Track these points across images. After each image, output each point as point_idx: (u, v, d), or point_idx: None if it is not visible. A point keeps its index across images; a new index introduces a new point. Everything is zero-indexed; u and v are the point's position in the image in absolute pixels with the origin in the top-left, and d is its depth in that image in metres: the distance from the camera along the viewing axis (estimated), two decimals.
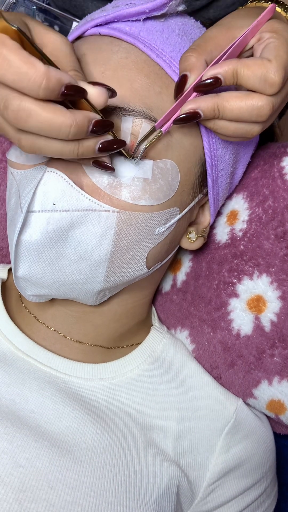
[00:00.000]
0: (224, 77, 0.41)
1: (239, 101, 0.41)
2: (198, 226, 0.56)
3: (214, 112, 0.42)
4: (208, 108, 0.41)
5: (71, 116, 0.36)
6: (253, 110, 0.41)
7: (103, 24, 0.48)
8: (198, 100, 0.42)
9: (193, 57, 0.42)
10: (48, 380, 0.53)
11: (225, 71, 0.41)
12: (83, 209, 0.44)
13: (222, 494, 0.55)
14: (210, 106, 0.41)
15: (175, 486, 0.51)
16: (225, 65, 0.41)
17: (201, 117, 0.42)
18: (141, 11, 0.46)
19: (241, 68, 0.41)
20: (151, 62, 0.46)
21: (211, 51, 0.43)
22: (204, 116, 0.42)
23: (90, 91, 0.38)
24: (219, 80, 0.41)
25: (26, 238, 0.44)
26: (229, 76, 0.41)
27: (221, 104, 0.41)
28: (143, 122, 0.44)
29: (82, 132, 0.37)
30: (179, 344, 0.61)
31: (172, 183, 0.47)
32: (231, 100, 0.41)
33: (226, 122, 0.43)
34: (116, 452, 0.50)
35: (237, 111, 0.42)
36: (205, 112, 0.42)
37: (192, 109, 0.42)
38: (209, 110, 0.42)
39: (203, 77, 0.42)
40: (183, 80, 0.43)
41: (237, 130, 0.43)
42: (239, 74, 0.41)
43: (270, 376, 0.55)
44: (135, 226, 0.46)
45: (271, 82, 0.41)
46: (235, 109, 0.41)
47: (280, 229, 0.55)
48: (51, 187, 0.43)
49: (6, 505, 0.44)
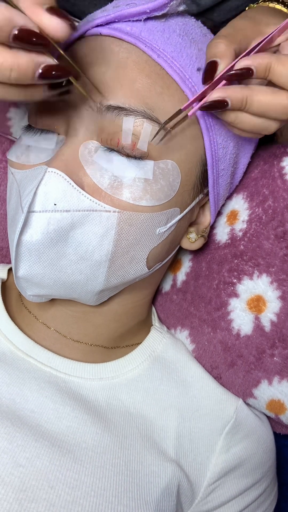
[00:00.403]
0: (257, 70, 0.41)
1: (269, 96, 0.41)
2: (199, 226, 0.56)
3: (241, 104, 0.41)
4: (237, 98, 0.41)
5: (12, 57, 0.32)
6: (280, 107, 0.41)
7: (104, 24, 0.48)
8: (228, 89, 0.41)
9: (223, 44, 0.42)
10: (48, 379, 0.53)
11: (259, 64, 0.41)
12: (84, 209, 0.44)
13: (223, 494, 0.55)
14: (240, 97, 0.41)
15: (175, 486, 0.51)
16: (259, 58, 0.41)
17: (228, 106, 0.41)
18: (142, 11, 0.46)
19: (275, 64, 0.41)
20: (152, 62, 0.46)
21: (240, 42, 0.43)
22: (231, 106, 0.42)
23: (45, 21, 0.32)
24: (251, 71, 0.41)
25: (27, 238, 0.44)
26: (262, 70, 0.41)
27: (250, 96, 0.41)
28: (145, 122, 0.44)
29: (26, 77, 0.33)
30: (179, 344, 0.61)
31: (173, 184, 0.47)
32: (261, 94, 0.41)
33: (248, 116, 0.43)
34: (116, 451, 0.50)
35: (265, 106, 0.41)
36: (233, 102, 0.41)
37: (221, 97, 0.41)
38: (237, 100, 0.41)
39: (236, 66, 0.41)
40: (214, 66, 0.42)
41: (257, 125, 0.43)
42: (272, 69, 0.41)
43: (270, 376, 0.55)
44: (136, 226, 0.46)
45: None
46: (263, 103, 0.41)
47: (280, 229, 0.55)
48: (52, 187, 0.43)
49: (6, 504, 0.44)
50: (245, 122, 0.43)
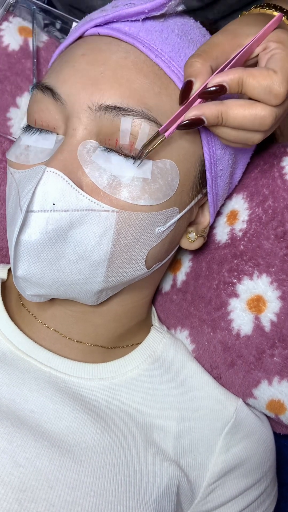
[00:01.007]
0: (230, 85, 0.42)
1: (243, 110, 0.42)
2: (198, 226, 0.56)
3: (217, 119, 0.42)
4: (212, 115, 0.42)
5: None
6: (256, 119, 0.42)
7: (102, 24, 0.48)
8: (202, 106, 0.42)
9: (198, 63, 0.42)
10: (48, 380, 0.53)
11: (231, 80, 0.41)
12: (83, 209, 0.44)
13: (222, 494, 0.55)
14: (214, 113, 0.42)
15: (175, 486, 0.51)
16: (231, 73, 0.41)
17: (204, 123, 0.42)
18: (140, 11, 0.46)
19: (246, 78, 0.41)
20: (150, 62, 0.46)
21: (217, 58, 0.43)
22: (208, 123, 0.42)
23: None
24: (224, 88, 0.42)
25: (25, 238, 0.44)
26: (235, 85, 0.42)
27: (225, 112, 0.42)
28: (143, 122, 0.44)
29: None
30: (179, 344, 0.61)
31: (172, 183, 0.47)
32: (235, 108, 0.42)
33: (228, 129, 0.43)
34: (116, 451, 0.50)
35: (240, 119, 0.42)
36: (209, 119, 0.42)
37: (196, 115, 0.42)
38: (213, 117, 0.42)
39: (209, 84, 0.42)
40: (189, 86, 0.42)
41: (239, 137, 0.44)
42: (245, 83, 0.42)
43: (270, 376, 0.55)
44: (135, 226, 0.46)
45: (276, 93, 0.41)
46: (239, 117, 0.42)
47: (280, 229, 0.55)
48: (50, 187, 0.43)
49: (6, 504, 0.44)
50: (226, 133, 0.44)
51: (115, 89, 0.44)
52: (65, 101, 0.45)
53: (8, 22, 0.65)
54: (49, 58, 0.66)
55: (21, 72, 0.64)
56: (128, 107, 0.44)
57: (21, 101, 0.64)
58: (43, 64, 0.66)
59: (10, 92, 0.64)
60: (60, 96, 0.46)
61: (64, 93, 0.46)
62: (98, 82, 0.45)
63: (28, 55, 0.65)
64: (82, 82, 0.45)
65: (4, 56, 0.63)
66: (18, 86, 0.64)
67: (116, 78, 0.45)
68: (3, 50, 0.63)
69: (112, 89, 0.44)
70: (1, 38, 0.64)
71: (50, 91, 0.46)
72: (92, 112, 0.44)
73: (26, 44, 0.65)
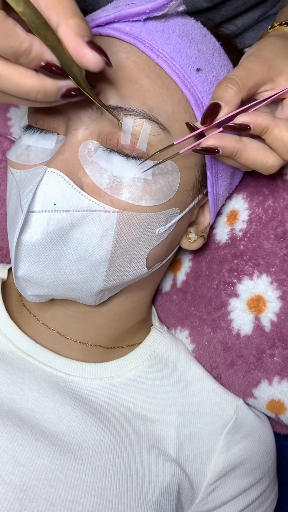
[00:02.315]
0: (255, 128, 0.43)
1: (257, 153, 0.44)
2: (198, 226, 0.56)
3: (231, 155, 0.44)
4: (229, 150, 0.43)
5: (39, 82, 0.37)
6: (264, 165, 0.44)
7: (103, 25, 0.48)
8: (222, 139, 0.43)
9: (233, 91, 0.42)
10: (48, 379, 0.53)
11: (258, 124, 0.43)
12: (84, 210, 0.44)
13: (223, 494, 0.55)
14: (231, 149, 0.43)
15: (175, 486, 0.51)
16: (260, 117, 0.43)
17: (219, 152, 0.43)
18: (142, 12, 0.46)
19: (273, 128, 0.43)
20: (151, 63, 0.46)
21: (250, 89, 0.44)
22: (222, 153, 0.44)
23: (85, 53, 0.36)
24: (249, 128, 0.43)
25: (26, 239, 0.44)
26: (259, 129, 0.43)
27: (240, 151, 0.43)
28: (144, 122, 0.44)
29: (49, 98, 0.38)
30: (179, 344, 0.61)
31: (173, 184, 0.47)
32: (251, 150, 0.44)
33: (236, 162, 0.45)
34: (116, 451, 0.50)
35: (252, 161, 0.44)
36: (225, 152, 0.43)
37: (215, 146, 0.43)
38: (229, 151, 0.43)
39: (236, 120, 0.43)
40: (216, 109, 0.43)
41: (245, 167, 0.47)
42: (270, 132, 0.43)
43: (270, 376, 0.55)
44: (135, 226, 0.46)
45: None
46: (251, 159, 0.44)
47: (280, 229, 0.55)
48: (51, 187, 0.43)
49: (6, 504, 0.44)
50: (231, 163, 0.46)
51: (117, 89, 0.44)
52: None
53: None
54: None
55: None
56: (129, 107, 0.44)
57: None
58: None
59: None
60: None
61: None
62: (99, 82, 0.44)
63: None
64: None
65: None
66: None
67: (117, 78, 0.44)
68: None
69: (113, 89, 0.44)
70: None
71: None
72: (93, 112, 0.44)
73: None
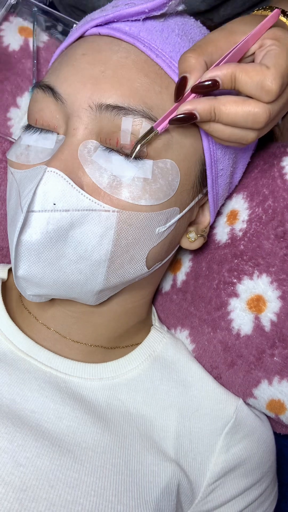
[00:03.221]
0: (222, 80, 0.41)
1: (236, 106, 0.41)
2: (198, 226, 0.56)
3: (210, 115, 0.42)
4: (205, 110, 0.41)
5: None
6: (249, 116, 0.42)
7: (103, 24, 0.48)
8: (195, 101, 0.42)
9: (192, 58, 0.42)
10: (48, 380, 0.53)
11: (224, 74, 0.41)
12: (83, 209, 0.44)
13: (223, 494, 0.55)
14: (207, 109, 0.41)
15: (175, 486, 0.51)
16: (224, 68, 0.41)
17: (197, 118, 0.42)
18: (141, 11, 0.46)
19: (239, 73, 0.41)
20: (151, 62, 0.46)
21: (211, 53, 0.43)
22: (200, 118, 0.42)
23: None
24: (217, 83, 0.41)
25: (26, 238, 0.44)
26: (227, 80, 0.41)
27: (217, 108, 0.41)
28: (144, 121, 0.44)
29: None
30: (179, 344, 0.61)
31: (172, 183, 0.47)
32: (228, 104, 0.41)
33: (222, 126, 0.43)
34: (116, 451, 0.50)
35: (233, 115, 0.42)
36: (201, 114, 0.42)
37: (189, 110, 0.42)
38: (205, 112, 0.42)
39: (202, 78, 0.42)
40: (183, 82, 0.42)
41: (232, 135, 0.43)
42: (237, 78, 0.41)
43: (270, 376, 0.55)
44: (135, 226, 0.46)
45: (268, 89, 0.41)
46: (231, 113, 0.41)
47: (280, 229, 0.55)
48: (51, 187, 0.43)
49: (6, 504, 0.44)
50: (220, 131, 0.43)
51: (116, 88, 0.44)
52: (66, 100, 0.45)
53: (9, 22, 0.65)
54: (49, 58, 0.66)
55: (21, 72, 0.65)
56: (129, 107, 0.44)
57: (22, 101, 0.64)
58: (43, 64, 0.66)
59: (10, 92, 0.64)
60: (61, 95, 0.46)
61: (64, 92, 0.46)
62: (99, 81, 0.45)
63: (28, 55, 0.65)
64: (83, 81, 0.45)
65: (4, 56, 0.63)
66: (18, 86, 0.64)
67: (117, 78, 0.45)
68: (4, 50, 0.64)
69: (113, 88, 0.44)
70: (1, 38, 0.64)
71: (50, 90, 0.46)
72: (93, 112, 0.44)
73: (26, 44, 0.65)
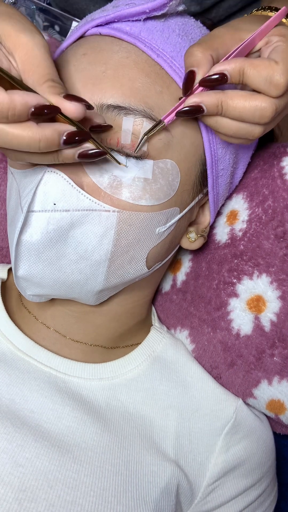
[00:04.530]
0: (231, 74, 0.41)
1: (243, 100, 0.41)
2: (198, 226, 0.56)
3: (217, 108, 0.42)
4: (212, 103, 0.41)
5: (39, 131, 0.37)
6: (256, 110, 0.41)
7: (103, 24, 0.48)
8: (202, 94, 0.42)
9: (199, 52, 0.42)
10: (48, 380, 0.53)
11: (232, 69, 0.41)
12: (84, 209, 0.44)
13: (222, 494, 0.55)
14: (214, 102, 0.41)
15: (174, 486, 0.51)
16: (232, 63, 0.41)
17: (204, 111, 0.42)
18: (142, 11, 0.46)
19: (248, 67, 0.41)
20: (151, 62, 0.46)
21: (217, 49, 0.43)
22: (207, 111, 0.42)
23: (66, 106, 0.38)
24: (226, 77, 0.41)
25: (26, 238, 0.44)
26: (236, 74, 0.41)
27: (225, 101, 0.41)
28: (144, 121, 0.44)
29: (53, 145, 0.38)
30: (179, 344, 0.61)
31: (173, 183, 0.47)
32: (235, 98, 0.41)
33: (229, 121, 0.43)
34: (115, 451, 0.50)
35: (241, 109, 0.41)
36: (208, 107, 0.42)
37: (196, 102, 0.41)
38: (212, 105, 0.41)
39: (210, 72, 0.42)
40: (191, 76, 0.42)
41: (239, 130, 0.43)
42: (246, 73, 0.41)
43: (270, 376, 0.55)
44: (136, 226, 0.46)
45: (276, 83, 0.41)
46: (239, 107, 0.41)
47: (280, 229, 0.55)
48: (51, 187, 0.43)
49: (6, 504, 0.44)
50: (226, 127, 0.43)
51: (117, 88, 0.44)
52: None
53: None
54: None
55: None
56: (130, 106, 0.44)
57: None
58: None
59: None
60: None
61: None
62: (100, 81, 0.45)
63: None
64: (84, 81, 0.45)
65: None
66: None
67: (117, 78, 0.44)
68: None
69: (113, 88, 0.44)
70: None
71: None
72: None
73: None
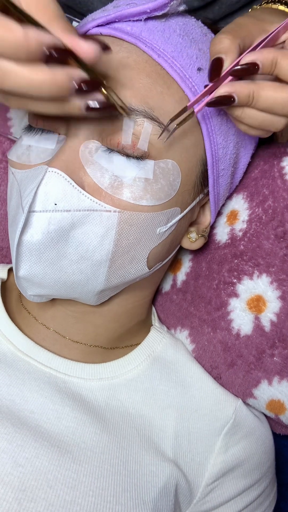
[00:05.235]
0: (263, 64, 0.41)
1: (274, 92, 0.41)
2: (199, 226, 0.56)
3: (248, 99, 0.41)
4: (244, 93, 0.41)
5: (50, 74, 0.34)
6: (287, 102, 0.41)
7: (104, 24, 0.48)
8: (234, 84, 0.41)
9: (227, 40, 0.41)
10: (48, 380, 0.53)
11: (265, 58, 0.40)
12: (85, 209, 0.44)
13: (221, 494, 0.55)
14: (246, 92, 0.41)
15: (173, 486, 0.51)
16: (265, 52, 0.41)
17: (235, 101, 0.41)
18: (142, 11, 0.46)
19: (281, 58, 0.40)
20: (152, 62, 0.46)
21: (244, 38, 0.42)
22: (238, 102, 0.41)
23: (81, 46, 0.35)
24: (257, 66, 0.40)
25: (27, 238, 0.44)
26: (268, 64, 0.41)
27: (256, 92, 0.41)
28: (145, 122, 0.44)
29: (63, 91, 0.36)
30: (179, 344, 0.61)
31: (174, 183, 0.47)
32: (267, 89, 0.41)
33: (256, 112, 0.42)
34: (115, 451, 0.50)
35: (272, 101, 0.41)
36: (240, 97, 0.41)
37: (228, 92, 0.41)
38: (244, 95, 0.41)
39: (242, 61, 0.41)
40: (219, 62, 0.41)
41: (264, 121, 0.43)
42: (279, 64, 0.41)
43: (270, 376, 0.55)
44: (136, 226, 0.46)
45: None
46: (270, 99, 0.41)
47: (280, 229, 0.55)
48: (52, 187, 0.43)
49: (5, 504, 0.44)
50: (252, 117, 0.43)
51: (118, 88, 0.44)
52: None
53: None
54: None
55: None
56: (130, 107, 0.44)
57: None
58: None
59: None
60: None
61: None
62: None
63: None
64: None
65: None
66: None
67: (118, 78, 0.44)
68: None
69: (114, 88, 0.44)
70: None
71: None
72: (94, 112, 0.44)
73: None
